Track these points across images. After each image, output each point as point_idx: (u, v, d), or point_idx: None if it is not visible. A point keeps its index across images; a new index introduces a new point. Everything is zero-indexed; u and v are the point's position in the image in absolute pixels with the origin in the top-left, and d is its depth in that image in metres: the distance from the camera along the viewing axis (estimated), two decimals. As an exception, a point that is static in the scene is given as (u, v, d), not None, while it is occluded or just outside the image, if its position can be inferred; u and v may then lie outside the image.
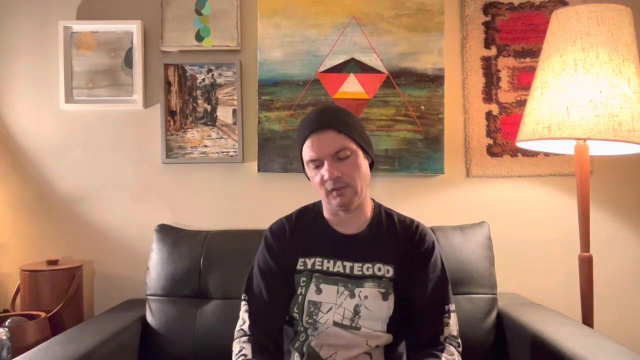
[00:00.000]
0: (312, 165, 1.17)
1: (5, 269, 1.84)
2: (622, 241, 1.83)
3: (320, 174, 1.15)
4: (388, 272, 1.19)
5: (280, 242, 1.25)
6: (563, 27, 1.46)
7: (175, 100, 1.84)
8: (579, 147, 1.51)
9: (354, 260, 1.20)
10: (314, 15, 1.80)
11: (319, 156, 1.15)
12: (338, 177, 1.13)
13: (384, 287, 1.17)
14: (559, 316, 1.47)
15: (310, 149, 1.16)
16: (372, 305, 1.16)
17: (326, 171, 1.13)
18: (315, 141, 1.15)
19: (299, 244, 1.24)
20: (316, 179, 1.17)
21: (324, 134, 1.15)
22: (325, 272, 1.20)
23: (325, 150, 1.14)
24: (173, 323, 1.56)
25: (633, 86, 1.39)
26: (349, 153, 1.15)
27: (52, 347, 1.25)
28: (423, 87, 1.79)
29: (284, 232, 1.26)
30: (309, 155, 1.16)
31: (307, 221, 1.27)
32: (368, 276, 1.18)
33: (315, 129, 1.16)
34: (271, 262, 1.23)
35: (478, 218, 1.72)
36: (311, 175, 1.19)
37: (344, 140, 1.15)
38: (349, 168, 1.15)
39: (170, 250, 1.63)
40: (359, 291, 1.17)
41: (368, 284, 1.17)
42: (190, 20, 1.82)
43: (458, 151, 1.85)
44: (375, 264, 1.19)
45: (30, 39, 1.85)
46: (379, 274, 1.18)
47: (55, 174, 1.86)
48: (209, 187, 1.85)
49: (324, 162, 1.15)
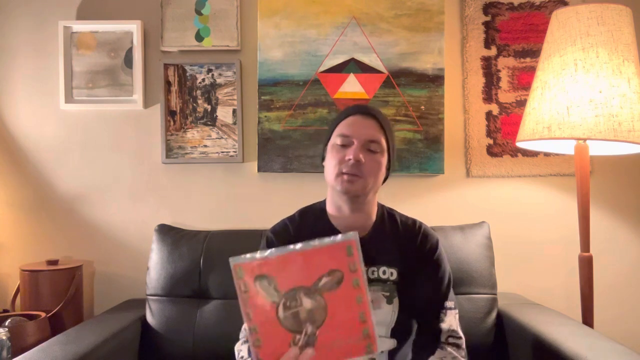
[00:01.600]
0: (339, 141, 1.14)
1: (5, 269, 1.84)
2: (622, 241, 1.83)
3: (343, 152, 1.13)
4: (392, 274, 1.17)
5: (283, 243, 1.21)
6: (563, 27, 1.46)
7: (175, 100, 1.83)
8: (579, 147, 1.51)
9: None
10: (313, 15, 1.80)
11: (354, 134, 1.13)
12: (359, 163, 1.11)
13: (388, 290, 1.16)
14: (559, 316, 1.47)
15: (348, 125, 1.15)
16: (377, 308, 1.14)
17: (353, 151, 1.11)
18: (357, 121, 1.15)
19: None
20: (335, 158, 1.14)
21: (368, 119, 1.15)
22: None
23: (362, 132, 1.13)
24: (173, 323, 1.56)
25: (633, 86, 1.39)
26: (379, 149, 1.14)
27: (52, 347, 1.25)
28: (423, 87, 1.79)
29: (287, 233, 1.22)
30: (344, 130, 1.14)
31: (310, 222, 1.24)
32: (373, 280, 1.16)
33: (362, 112, 1.16)
34: None
35: (478, 218, 1.72)
36: (332, 154, 1.16)
37: (381, 135, 1.15)
38: (372, 162, 1.13)
39: (170, 250, 1.63)
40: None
41: (373, 287, 1.15)
42: (190, 20, 1.82)
43: (458, 151, 1.85)
44: (380, 267, 1.17)
45: (30, 39, 1.85)
46: (383, 277, 1.16)
47: (55, 174, 1.86)
48: (209, 187, 1.85)
49: (354, 144, 1.13)
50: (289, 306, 0.77)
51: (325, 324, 0.77)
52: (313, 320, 0.77)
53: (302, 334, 0.77)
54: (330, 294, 0.77)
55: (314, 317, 0.77)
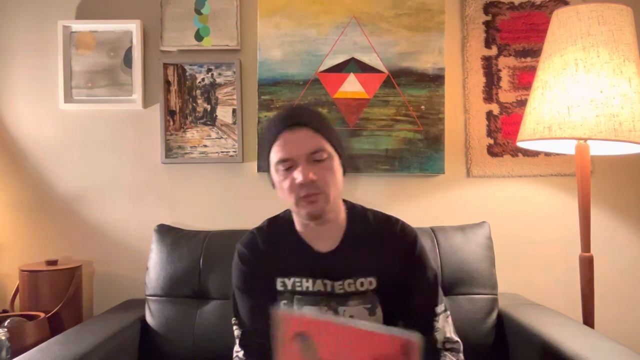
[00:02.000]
0: (281, 168, 1.04)
1: (4, 269, 1.83)
2: (623, 241, 1.83)
3: (291, 178, 1.02)
4: (371, 284, 1.09)
5: (255, 256, 1.14)
6: (564, 27, 1.46)
7: (175, 100, 1.83)
8: (580, 147, 1.51)
9: (334, 279, 1.09)
10: (313, 14, 1.79)
11: (292, 156, 1.02)
12: (312, 182, 1.01)
13: (369, 302, 1.08)
14: (560, 316, 1.47)
15: (282, 147, 1.03)
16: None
17: (300, 173, 1.01)
18: (289, 139, 1.03)
19: (275, 260, 1.13)
20: (285, 184, 1.04)
21: (299, 131, 1.03)
22: (306, 292, 1.10)
23: (300, 149, 1.02)
24: (173, 323, 1.56)
25: (634, 86, 1.39)
26: (325, 156, 1.03)
27: (51, 348, 1.24)
28: (423, 86, 1.79)
29: (257, 246, 1.15)
30: (280, 155, 1.03)
31: (280, 234, 1.15)
32: (351, 293, 1.08)
33: (289, 125, 1.04)
34: (250, 279, 1.13)
35: (478, 218, 1.72)
36: (279, 180, 1.06)
37: (321, 140, 1.04)
38: (324, 172, 1.03)
39: (169, 251, 1.62)
40: (343, 310, 1.08)
41: (352, 302, 1.08)
42: (189, 19, 1.82)
43: (458, 151, 1.85)
44: (356, 278, 1.09)
45: (30, 39, 1.85)
46: (362, 289, 1.08)
47: (54, 174, 1.85)
48: (208, 187, 1.85)
49: (298, 164, 1.02)
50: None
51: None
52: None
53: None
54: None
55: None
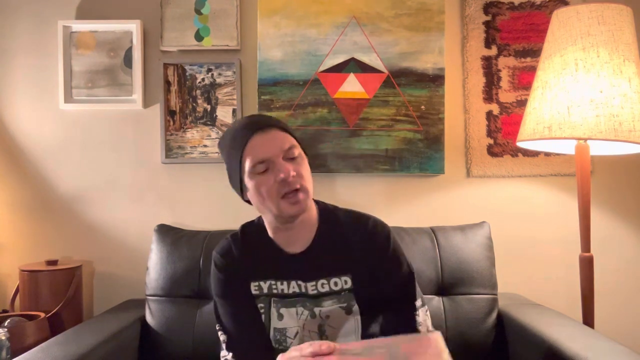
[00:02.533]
0: (259, 170, 1.03)
1: (4, 269, 1.83)
2: (623, 241, 1.83)
3: (271, 176, 1.02)
4: (346, 283, 1.09)
5: (230, 263, 1.15)
6: (564, 27, 1.46)
7: (175, 100, 1.83)
8: (580, 147, 1.51)
9: (306, 280, 1.10)
10: (313, 14, 1.79)
11: (269, 156, 1.02)
12: (294, 177, 1.02)
13: (344, 300, 1.08)
14: (560, 316, 1.47)
15: (256, 150, 1.03)
16: (337, 323, 1.08)
17: (281, 170, 1.01)
18: (262, 141, 1.03)
19: (249, 265, 1.14)
20: (264, 188, 1.03)
21: (269, 132, 1.05)
22: (282, 294, 1.11)
23: (275, 147, 1.03)
24: (173, 323, 1.56)
25: (634, 86, 1.39)
26: (297, 153, 1.06)
27: (51, 348, 1.24)
28: (423, 86, 1.79)
29: (231, 252, 1.16)
30: (256, 158, 1.03)
31: (253, 239, 1.17)
32: (325, 293, 1.09)
33: (258, 129, 1.05)
34: (227, 285, 1.14)
35: (478, 218, 1.72)
36: (255, 185, 1.04)
37: (291, 138, 1.07)
38: (300, 168, 1.04)
39: (170, 251, 1.62)
40: (319, 310, 1.09)
41: (327, 302, 1.08)
42: (189, 19, 1.82)
43: (458, 151, 1.85)
44: (330, 278, 1.09)
45: (30, 39, 1.85)
46: (336, 289, 1.09)
47: (54, 174, 1.85)
48: (208, 187, 1.85)
49: (274, 163, 1.03)
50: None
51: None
52: None
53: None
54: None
55: None
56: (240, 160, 1.05)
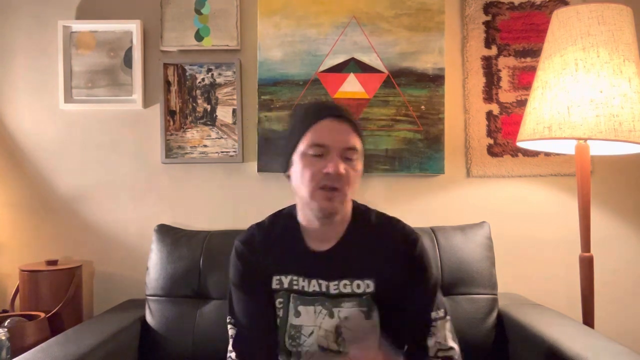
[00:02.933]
0: (312, 152, 1.01)
1: (4, 269, 1.83)
2: (623, 241, 1.83)
3: (318, 164, 1.00)
4: (368, 287, 1.06)
5: (252, 253, 1.12)
6: (564, 27, 1.46)
7: (175, 100, 1.83)
8: (580, 147, 1.51)
9: (329, 279, 1.07)
10: (314, 14, 1.79)
11: (329, 143, 1.00)
12: (340, 175, 0.99)
13: (365, 304, 1.06)
14: (560, 316, 1.47)
15: (321, 132, 1.01)
16: (354, 326, 1.05)
17: (332, 163, 0.99)
18: (331, 126, 1.01)
19: (272, 257, 1.11)
20: (307, 172, 1.01)
21: (343, 124, 1.03)
22: (302, 291, 1.08)
23: (339, 140, 1.01)
24: (173, 323, 1.56)
25: (634, 86, 1.39)
26: (355, 157, 1.03)
27: (51, 348, 1.24)
28: (423, 86, 1.79)
29: (254, 242, 1.13)
30: (316, 139, 1.00)
31: (280, 230, 1.13)
32: (346, 295, 1.06)
33: (334, 115, 1.02)
34: (246, 276, 1.11)
35: (478, 218, 1.72)
36: (301, 166, 1.03)
37: (357, 141, 1.04)
38: (351, 172, 1.02)
39: (170, 251, 1.62)
40: (338, 311, 1.06)
41: (347, 304, 1.06)
42: (189, 19, 1.82)
43: (458, 151, 1.85)
44: (353, 280, 1.07)
45: (30, 39, 1.85)
46: (358, 292, 1.06)
47: (54, 173, 1.85)
48: (208, 187, 1.85)
49: (330, 154, 1.00)
50: None
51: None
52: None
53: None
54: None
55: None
56: (302, 134, 1.03)
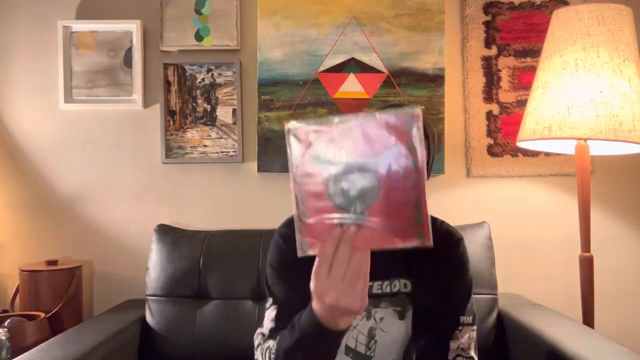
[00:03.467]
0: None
1: (4, 269, 1.83)
2: (623, 241, 1.83)
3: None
4: (405, 286, 1.05)
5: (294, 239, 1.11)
6: (564, 27, 1.46)
7: (175, 100, 1.83)
8: (580, 147, 1.51)
9: (371, 279, 1.04)
10: (314, 14, 1.79)
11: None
12: None
13: (399, 304, 1.04)
14: (560, 316, 1.47)
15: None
16: (388, 327, 1.04)
17: None
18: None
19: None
20: None
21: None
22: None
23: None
24: (173, 323, 1.56)
25: (634, 86, 1.39)
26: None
27: (51, 348, 1.24)
28: (423, 86, 1.79)
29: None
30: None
31: None
32: (383, 295, 1.05)
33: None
34: (290, 260, 1.05)
35: (478, 218, 1.72)
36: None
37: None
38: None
39: (170, 251, 1.62)
40: (375, 312, 1.05)
41: (384, 304, 1.04)
42: (189, 19, 1.82)
43: (458, 151, 1.85)
44: (391, 280, 1.05)
45: (30, 39, 1.85)
46: (394, 290, 1.05)
47: (54, 174, 1.85)
48: (208, 187, 1.85)
49: None
50: (340, 180, 0.70)
51: (375, 205, 0.70)
52: (363, 199, 0.70)
53: (351, 211, 0.70)
54: (385, 172, 0.69)
55: (365, 196, 0.70)
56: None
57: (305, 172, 0.71)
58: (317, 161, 0.71)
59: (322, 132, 0.70)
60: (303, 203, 0.72)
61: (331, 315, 0.76)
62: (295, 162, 0.71)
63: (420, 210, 0.69)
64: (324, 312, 0.76)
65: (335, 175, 0.70)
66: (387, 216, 0.70)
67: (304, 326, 0.81)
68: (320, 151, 0.71)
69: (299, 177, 0.71)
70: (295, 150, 0.71)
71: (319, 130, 0.70)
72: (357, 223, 0.70)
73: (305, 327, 0.80)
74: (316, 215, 0.72)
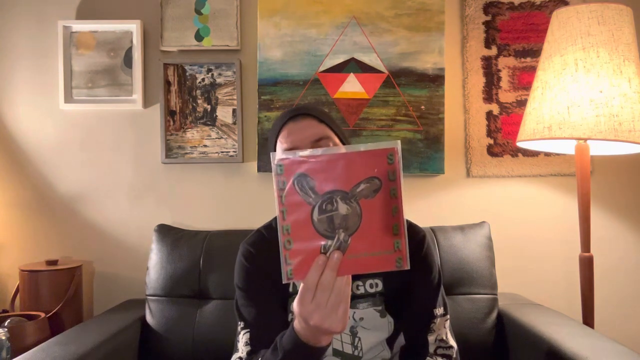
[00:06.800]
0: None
1: (4, 269, 1.83)
2: (623, 241, 1.83)
3: None
4: (377, 285, 1.06)
5: (261, 254, 1.10)
6: (564, 27, 1.46)
7: (175, 100, 1.83)
8: (580, 147, 1.51)
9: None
10: (314, 14, 1.79)
11: (296, 144, 1.00)
12: None
13: (379, 303, 1.06)
14: (560, 316, 1.47)
15: (286, 137, 1.02)
16: (370, 325, 1.05)
17: None
18: (293, 128, 1.02)
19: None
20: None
21: (303, 120, 1.03)
22: None
23: (304, 136, 1.01)
24: (173, 323, 1.56)
25: (634, 86, 1.39)
26: (330, 144, 1.02)
27: (51, 348, 1.24)
28: (423, 86, 1.79)
29: (264, 244, 1.11)
30: (285, 145, 1.01)
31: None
32: (360, 296, 1.06)
33: (293, 116, 1.04)
34: (255, 278, 1.08)
35: (478, 218, 1.72)
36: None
37: (325, 129, 1.03)
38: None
39: (169, 251, 1.62)
40: (353, 312, 1.05)
41: (362, 305, 1.06)
42: (189, 19, 1.82)
43: (458, 151, 1.85)
44: (365, 280, 1.06)
45: (30, 39, 1.85)
46: (371, 291, 1.06)
47: (54, 174, 1.85)
48: (208, 187, 1.85)
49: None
50: (324, 209, 0.75)
51: (358, 232, 0.75)
52: (346, 227, 0.75)
53: (334, 239, 0.75)
54: (367, 201, 0.75)
55: (348, 224, 0.75)
56: (274, 145, 1.07)
57: (291, 202, 0.76)
58: (303, 191, 0.76)
59: (307, 163, 0.75)
60: (288, 231, 0.76)
61: (313, 335, 0.80)
62: (281, 192, 0.76)
63: (399, 236, 0.76)
64: (306, 333, 0.80)
65: (320, 204, 0.75)
66: (369, 243, 0.76)
67: (287, 347, 0.84)
68: (306, 181, 0.75)
69: (285, 206, 0.76)
70: (280, 181, 0.76)
71: (304, 161, 0.75)
72: (340, 250, 0.75)
73: (289, 347, 0.83)
74: (301, 243, 0.76)
